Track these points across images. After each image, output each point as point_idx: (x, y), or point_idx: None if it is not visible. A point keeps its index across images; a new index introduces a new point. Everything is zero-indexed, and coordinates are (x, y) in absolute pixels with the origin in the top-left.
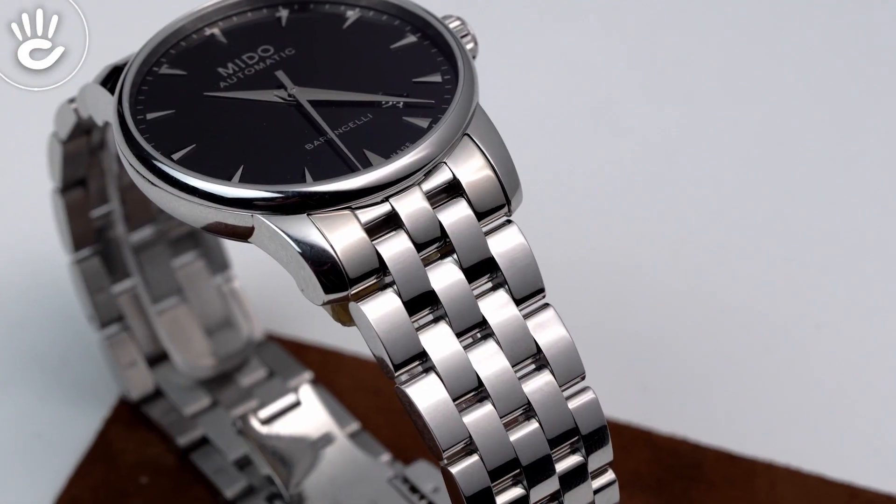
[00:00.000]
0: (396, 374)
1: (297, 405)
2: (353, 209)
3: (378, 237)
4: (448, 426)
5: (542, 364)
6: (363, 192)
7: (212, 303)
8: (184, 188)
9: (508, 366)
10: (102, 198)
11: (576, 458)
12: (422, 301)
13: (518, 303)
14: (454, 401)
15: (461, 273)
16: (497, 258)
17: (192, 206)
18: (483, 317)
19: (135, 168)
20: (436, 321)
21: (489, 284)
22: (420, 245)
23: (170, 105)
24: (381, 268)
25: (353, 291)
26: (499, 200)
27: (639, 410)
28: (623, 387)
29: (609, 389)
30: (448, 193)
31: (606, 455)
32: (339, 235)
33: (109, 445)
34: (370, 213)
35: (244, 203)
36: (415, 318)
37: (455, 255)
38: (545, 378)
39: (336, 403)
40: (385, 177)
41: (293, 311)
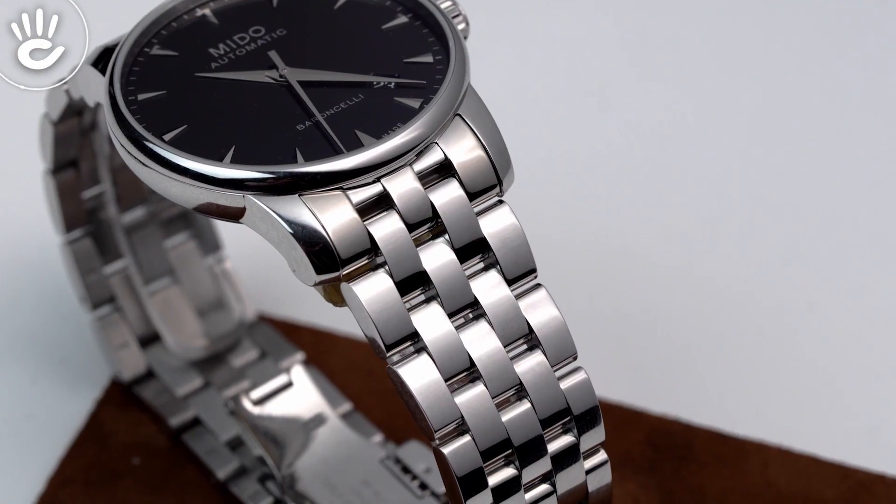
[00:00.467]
0: (388, 355)
1: (289, 386)
2: (345, 190)
3: (370, 217)
4: (440, 406)
5: (534, 344)
6: (355, 173)
7: (204, 284)
8: (175, 169)
9: (500, 346)
10: (94, 179)
11: (568, 439)
12: (413, 281)
13: (510, 283)
14: (446, 381)
15: (453, 253)
16: (489, 238)
17: (184, 187)
18: (475, 297)
19: (126, 149)
20: (428, 301)
21: (481, 265)
22: (412, 225)
23: (161, 86)
24: (373, 248)
25: (345, 272)
26: (490, 181)
27: (631, 391)
28: (615, 367)
29: (601, 370)
30: (440, 174)
31: (598, 435)
32: (331, 216)
33: (101, 426)
34: (362, 194)
35: (236, 184)
36: (406, 299)
37: (447, 236)
38: (537, 358)
39: (328, 384)
40: (376, 157)
41: (285, 292)
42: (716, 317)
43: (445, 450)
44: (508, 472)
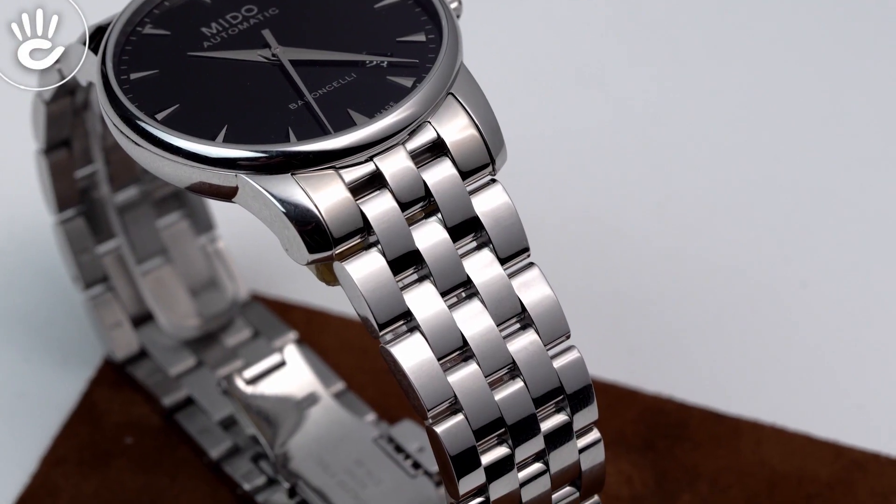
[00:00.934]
0: (381, 334)
1: (282, 365)
2: (338, 169)
3: (362, 196)
4: (433, 385)
5: (527, 323)
6: (347, 152)
7: (196, 263)
8: (167, 148)
9: (493, 325)
10: (87, 158)
11: (561, 417)
12: (406, 260)
13: (503, 262)
14: (439, 360)
15: (446, 232)
16: (481, 217)
17: (176, 167)
18: (468, 276)
19: (118, 128)
20: (420, 280)
21: (474, 244)
22: (404, 204)
23: (153, 65)
24: (366, 227)
25: (338, 251)
26: (483, 159)
27: (624, 370)
28: (608, 346)
29: (594, 349)
30: (432, 153)
31: (591, 414)
32: (324, 195)
33: (94, 406)
34: (354, 173)
35: (228, 163)
36: (399, 278)
37: (439, 215)
38: (530, 337)
39: (321, 363)
40: (369, 136)
41: (278, 271)
42: (709, 296)
43: (438, 429)
44: (501, 451)
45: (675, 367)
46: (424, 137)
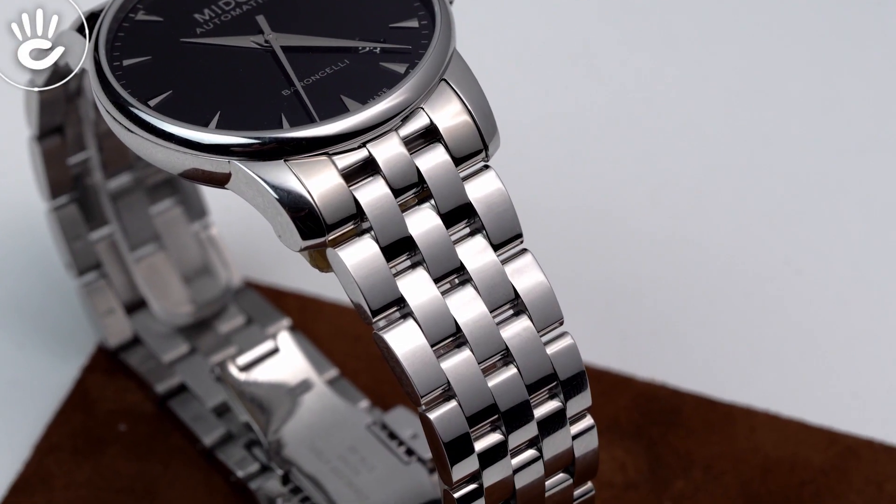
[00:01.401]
0: (374, 320)
1: (276, 352)
2: (331, 155)
3: (355, 183)
4: (426, 372)
5: (521, 309)
6: (340, 138)
7: (190, 250)
8: (160, 134)
9: (486, 311)
10: (79, 145)
11: (554, 404)
12: (399, 247)
13: (496, 248)
14: (432, 347)
15: (439, 218)
16: (475, 203)
17: (169, 153)
18: (461, 262)
19: (111, 115)
20: (413, 267)
21: (467, 230)
22: (397, 190)
23: (146, 51)
24: (359, 213)
25: (331, 237)
26: (476, 146)
27: (618, 356)
28: (602, 332)
29: (588, 335)
30: (425, 139)
31: (585, 400)
32: (317, 181)
33: (87, 393)
34: (347, 159)
35: (221, 149)
36: (392, 264)
37: (433, 201)
38: (523, 323)
39: (314, 350)
40: (362, 122)
41: (271, 258)
42: (703, 282)
43: (432, 415)
44: (495, 438)
45: (669, 354)
46: (417, 124)
